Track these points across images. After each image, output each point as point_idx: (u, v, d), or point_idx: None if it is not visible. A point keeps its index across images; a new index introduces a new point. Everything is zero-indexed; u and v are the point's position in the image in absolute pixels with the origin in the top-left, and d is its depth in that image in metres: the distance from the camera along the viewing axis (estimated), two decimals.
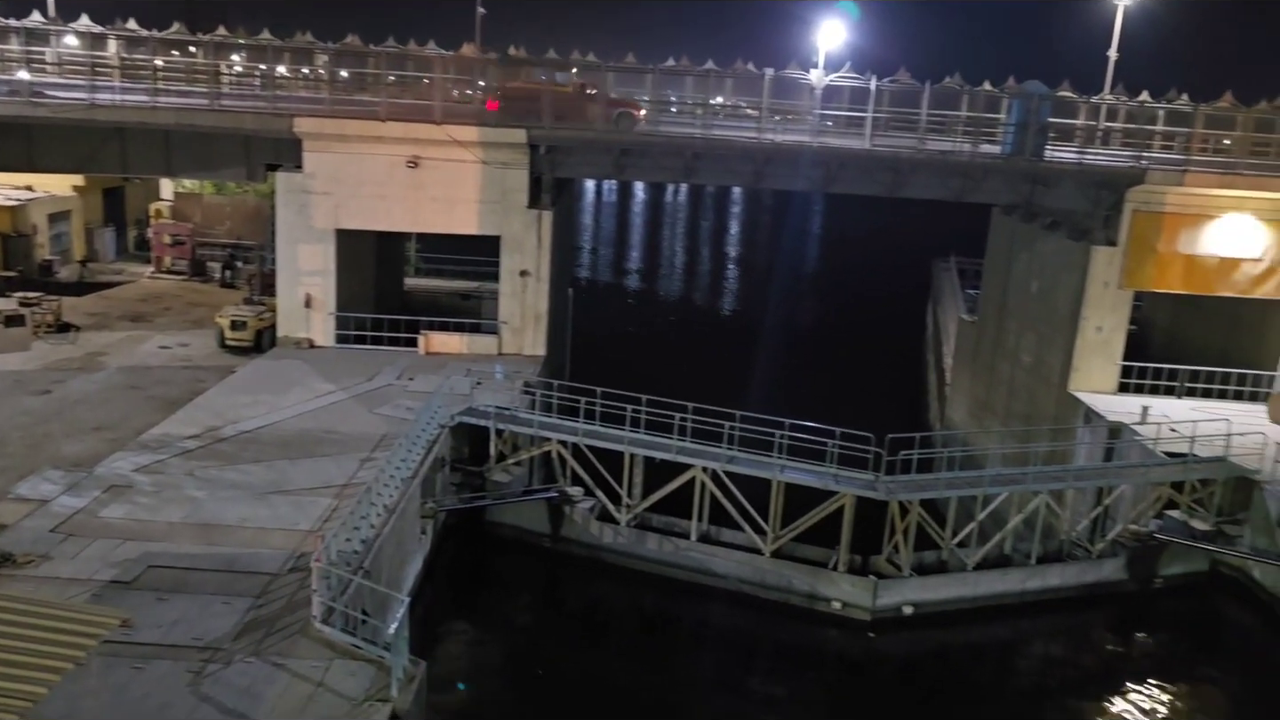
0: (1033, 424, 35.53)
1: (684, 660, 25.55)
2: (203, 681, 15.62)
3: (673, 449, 27.47)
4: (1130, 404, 32.43)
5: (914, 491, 26.11)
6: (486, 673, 23.28)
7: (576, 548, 28.66)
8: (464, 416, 28.94)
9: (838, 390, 48.17)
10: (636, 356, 51.53)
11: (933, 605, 26.35)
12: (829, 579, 26.25)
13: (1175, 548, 27.76)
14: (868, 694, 24.82)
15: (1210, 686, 24.84)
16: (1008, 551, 27.77)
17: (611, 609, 27.86)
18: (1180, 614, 27.75)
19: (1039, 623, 26.81)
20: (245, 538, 20.73)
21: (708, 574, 27.35)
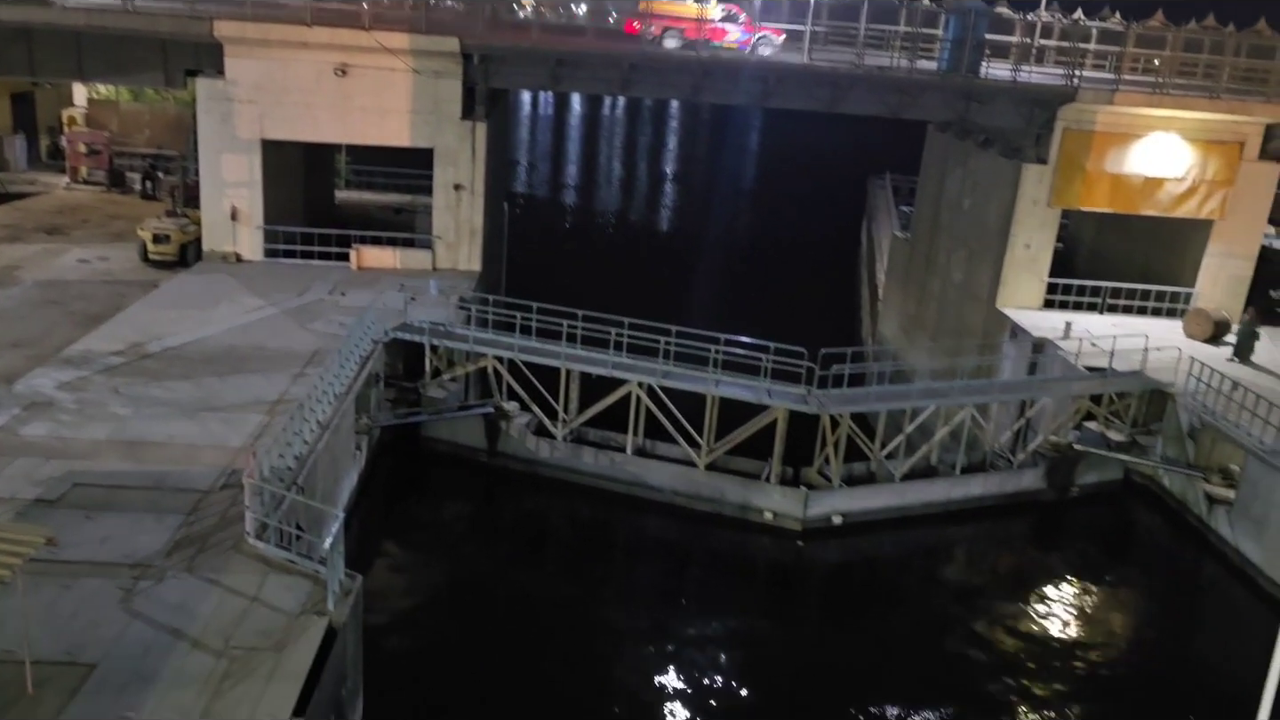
0: (961, 339, 36.33)
1: (620, 570, 26.08)
2: (134, 598, 15.53)
3: (609, 364, 27.58)
4: (1055, 320, 33.29)
5: (845, 405, 26.66)
6: (423, 586, 23.52)
7: (513, 462, 28.83)
8: (398, 332, 28.65)
9: (773, 306, 48.64)
10: (573, 272, 51.26)
11: (861, 515, 27.16)
12: (761, 490, 26.84)
13: (1092, 458, 28.86)
14: (798, 599, 25.65)
15: (1121, 586, 26.11)
16: (934, 462, 28.62)
17: (548, 522, 28.21)
18: (1095, 520, 29.00)
19: (962, 530, 27.81)
20: (174, 455, 20.44)
21: (643, 486, 27.77)
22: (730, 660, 21.49)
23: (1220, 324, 32.96)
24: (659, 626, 22.58)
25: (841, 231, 63.77)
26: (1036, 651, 22.31)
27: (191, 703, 13.26)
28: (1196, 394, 27.65)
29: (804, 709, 19.82)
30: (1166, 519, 28.22)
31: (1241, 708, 10.81)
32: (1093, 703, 20.90)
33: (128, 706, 13.05)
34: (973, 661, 21.90)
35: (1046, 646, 22.54)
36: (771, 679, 20.98)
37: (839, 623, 24.43)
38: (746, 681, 20.73)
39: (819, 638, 23.44)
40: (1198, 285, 35.58)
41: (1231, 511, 25.87)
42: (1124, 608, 25.05)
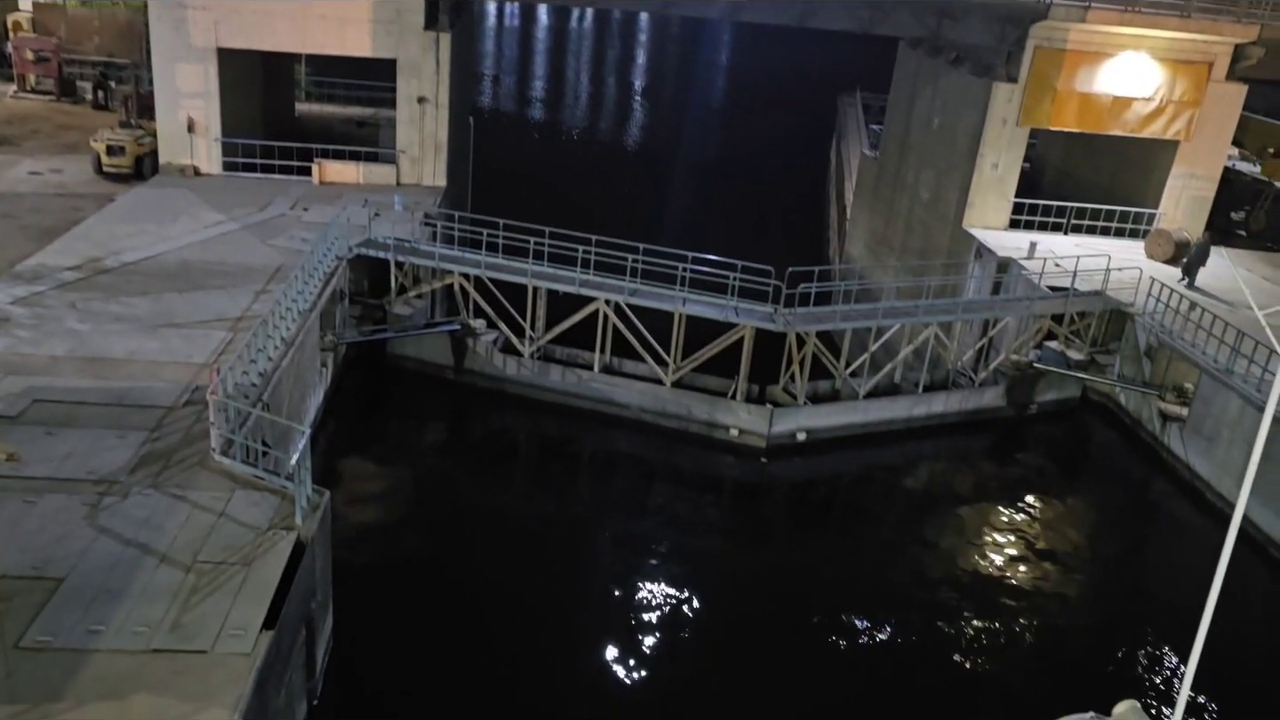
0: (927, 259, 36.50)
1: (587, 485, 26.37)
2: (100, 514, 15.49)
3: (576, 282, 27.46)
4: (1020, 240, 33.49)
5: (811, 324, 26.81)
6: (391, 501, 23.64)
7: (480, 380, 28.83)
8: (362, 248, 28.29)
9: (741, 224, 48.50)
10: (540, 188, 50.65)
11: (825, 432, 27.54)
12: (727, 407, 27.09)
13: (1051, 376, 29.35)
14: (763, 514, 26.11)
15: (1076, 500, 26.82)
16: (897, 380, 28.99)
17: (515, 438, 28.36)
18: (1052, 436, 29.63)
19: (924, 446, 28.31)
20: (135, 371, 20.22)
21: (610, 404, 27.93)
22: (696, 572, 21.91)
23: (1181, 245, 33.32)
24: (626, 539, 22.94)
25: (811, 150, 63.35)
26: (994, 562, 22.96)
27: (160, 616, 13.34)
28: (1155, 314, 28.08)
29: (768, 618, 20.32)
30: (1121, 435, 28.89)
31: (1187, 613, 11.23)
32: (1047, 610, 21.60)
33: (96, 620, 13.12)
34: (932, 572, 22.50)
35: (1004, 558, 23.20)
36: (736, 590, 21.46)
37: (802, 536, 24.95)
38: (712, 592, 21.18)
39: (783, 550, 23.94)
40: (1161, 206, 35.85)
41: (1184, 428, 26.51)
42: (1078, 520, 25.75)
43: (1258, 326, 16.81)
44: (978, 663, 19.73)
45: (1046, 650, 20.26)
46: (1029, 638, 20.64)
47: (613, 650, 19.01)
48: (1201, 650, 10.74)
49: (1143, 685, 19.02)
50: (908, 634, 20.26)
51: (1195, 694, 17.91)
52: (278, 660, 13.60)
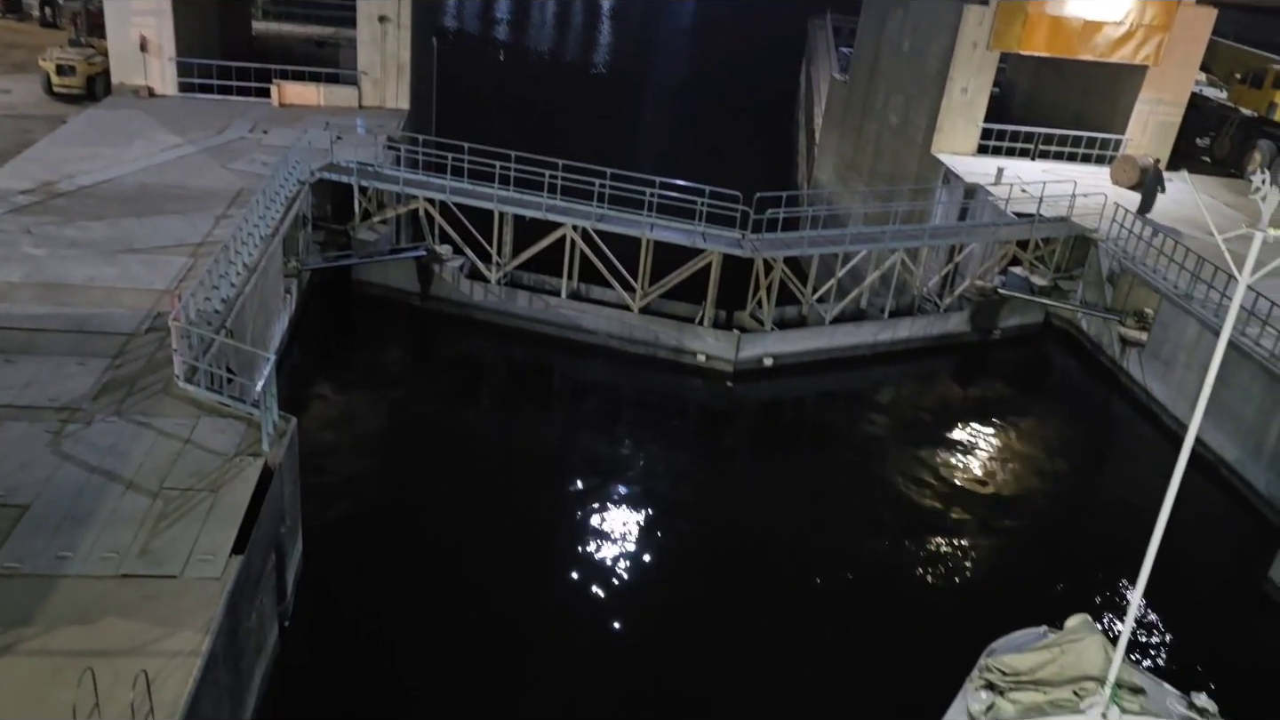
0: (895, 184, 36.46)
1: (556, 411, 26.49)
2: (63, 441, 15.39)
3: (542, 207, 27.22)
4: (988, 166, 33.49)
5: (778, 249, 26.81)
6: (358, 427, 23.65)
7: (447, 306, 28.68)
8: (325, 173, 27.81)
9: (709, 149, 48.08)
10: (505, 112, 49.83)
11: (791, 357, 27.75)
12: (694, 333, 27.19)
13: (1015, 301, 29.65)
14: (730, 437, 26.42)
15: (1036, 423, 27.33)
16: (863, 306, 29.16)
17: (483, 364, 28.35)
18: (1014, 361, 30.06)
19: (888, 370, 28.64)
20: (95, 298, 19.90)
21: (578, 330, 27.93)
22: (663, 493, 22.22)
23: (1146, 171, 33.46)
24: (594, 462, 23.15)
25: (780, 73, 62.59)
26: (955, 483, 23.44)
27: (128, 542, 13.36)
28: (1118, 240, 28.33)
29: (734, 537, 20.69)
30: (1082, 360, 29.36)
31: (1140, 531, 11.58)
32: (1005, 529, 22.17)
33: (63, 546, 13.12)
34: (894, 493, 22.95)
35: (965, 478, 23.69)
36: (703, 511, 21.80)
37: (768, 458, 25.31)
38: (679, 513, 21.51)
39: (749, 472, 24.30)
40: (1127, 132, 35.91)
41: (1143, 353, 26.97)
42: (1038, 443, 26.28)
43: (1218, 252, 17.00)
44: (937, 580, 20.27)
45: (1003, 568, 20.84)
46: (987, 556, 21.21)
47: (582, 570, 19.33)
48: (1152, 566, 11.10)
49: (1095, 600, 19.65)
50: (869, 551, 20.74)
51: (1144, 607, 18.54)
52: (248, 584, 13.71)
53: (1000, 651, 12.24)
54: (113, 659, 11.36)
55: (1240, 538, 22.01)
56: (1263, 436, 22.33)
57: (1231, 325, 10.44)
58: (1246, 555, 20.92)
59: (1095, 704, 11.41)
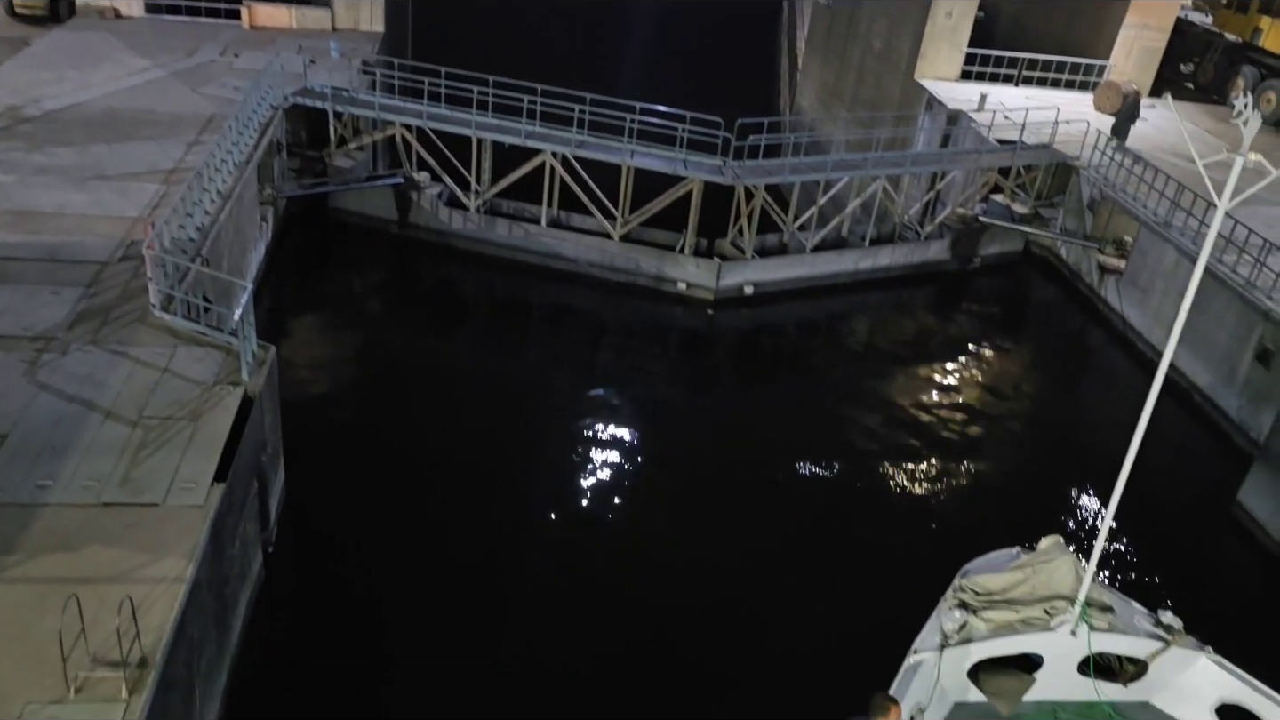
0: (878, 110, 36.09)
1: (536, 339, 26.48)
2: (39, 371, 15.25)
3: (521, 133, 26.83)
4: (971, 92, 33.19)
5: (760, 176, 26.61)
6: (338, 355, 23.57)
7: (425, 234, 28.41)
8: (298, 98, 27.27)
9: (690, 75, 47.32)
10: (482, 36, 48.75)
11: (772, 285, 27.75)
12: (675, 261, 27.09)
13: (995, 230, 29.65)
14: (710, 364, 26.51)
15: (1014, 349, 27.55)
16: (844, 234, 29.10)
17: (462, 293, 28.19)
18: (994, 289, 30.17)
19: (869, 299, 28.71)
20: (66, 226, 19.57)
21: (558, 258, 27.77)
22: (644, 420, 22.32)
23: (1129, 97, 33.26)
24: (575, 391, 23.20)
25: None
26: (932, 408, 23.69)
27: (109, 471, 13.35)
28: (1099, 167, 28.27)
29: (715, 462, 20.87)
30: (1061, 288, 29.51)
31: (1112, 455, 11.76)
32: (981, 453, 22.47)
33: (44, 475, 13.11)
34: (873, 418, 23.17)
35: (942, 403, 23.93)
36: (684, 436, 21.93)
37: (749, 385, 25.46)
38: (659, 440, 21.64)
39: (730, 399, 24.46)
40: (1111, 58, 35.60)
41: (1120, 280, 27.12)
42: (1015, 370, 26.53)
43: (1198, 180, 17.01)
44: (914, 503, 20.59)
45: (979, 491, 21.18)
46: (964, 480, 21.53)
47: (563, 496, 19.51)
48: (1123, 490, 11.27)
49: (1068, 523, 20.05)
50: (848, 477, 21.01)
51: (1115, 529, 18.90)
52: (230, 512, 13.76)
53: (974, 572, 12.46)
54: (97, 586, 11.42)
55: (1210, 462, 22.42)
56: (1235, 363, 22.61)
57: (1209, 252, 10.46)
58: (1216, 479, 21.33)
59: (1065, 621, 11.69)
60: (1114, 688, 12.05)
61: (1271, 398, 20.92)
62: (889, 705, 9.65)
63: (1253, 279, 22.42)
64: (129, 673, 10.38)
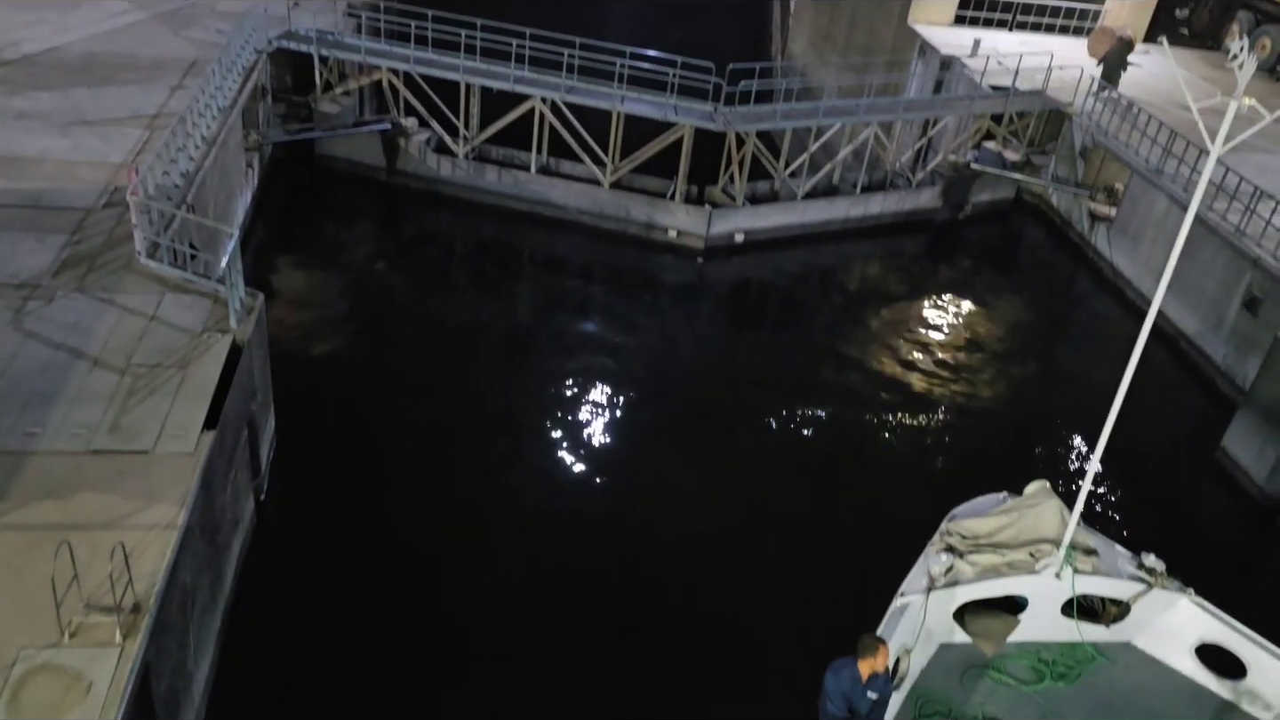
0: (871, 56, 35.66)
1: (525, 286, 26.37)
2: (25, 318, 15.16)
3: (510, 78, 26.48)
4: (964, 37, 32.81)
5: (751, 123, 26.36)
6: (328, 304, 23.45)
7: (413, 181, 28.16)
8: (283, 41, 26.83)
9: (680, 19, 46.66)
10: None
11: (763, 233, 27.63)
12: (666, 208, 26.93)
13: (987, 177, 29.50)
14: (701, 312, 26.50)
15: (1004, 296, 27.54)
16: (836, 182, 28.93)
17: (451, 240, 28.02)
18: (985, 236, 30.12)
19: (860, 246, 28.63)
20: (48, 172, 19.33)
21: (548, 205, 27.59)
22: (634, 370, 22.35)
23: (1124, 42, 32.93)
24: (565, 339, 23.20)
25: None
26: (923, 355, 23.77)
27: (98, 418, 13.32)
28: (1092, 114, 28.07)
29: (706, 408, 20.96)
30: (1052, 235, 29.48)
31: (1100, 401, 11.84)
32: (971, 399, 22.59)
33: (32, 423, 13.08)
34: (863, 365, 23.25)
35: (932, 351, 24.01)
36: (674, 385, 21.99)
37: (739, 333, 25.49)
38: (650, 387, 21.67)
39: (720, 346, 24.48)
40: (1106, 3, 35.19)
41: (1111, 228, 27.08)
42: (1005, 317, 26.56)
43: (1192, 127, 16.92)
44: (904, 450, 20.75)
45: (968, 437, 21.33)
46: (953, 426, 21.67)
47: (553, 444, 19.58)
48: (1110, 435, 11.37)
49: (1055, 468, 20.24)
50: (837, 422, 21.12)
51: (1101, 474, 19.07)
52: (221, 458, 13.78)
53: (961, 516, 12.61)
54: (89, 532, 11.46)
55: (1196, 408, 22.61)
56: (1224, 310, 22.69)
57: (1200, 199, 10.44)
58: (1201, 425, 21.51)
59: (1050, 565, 11.86)
60: (1097, 629, 12.27)
61: (1258, 345, 21.03)
62: (877, 645, 9.82)
63: (1243, 227, 22.41)
64: (123, 618, 10.46)
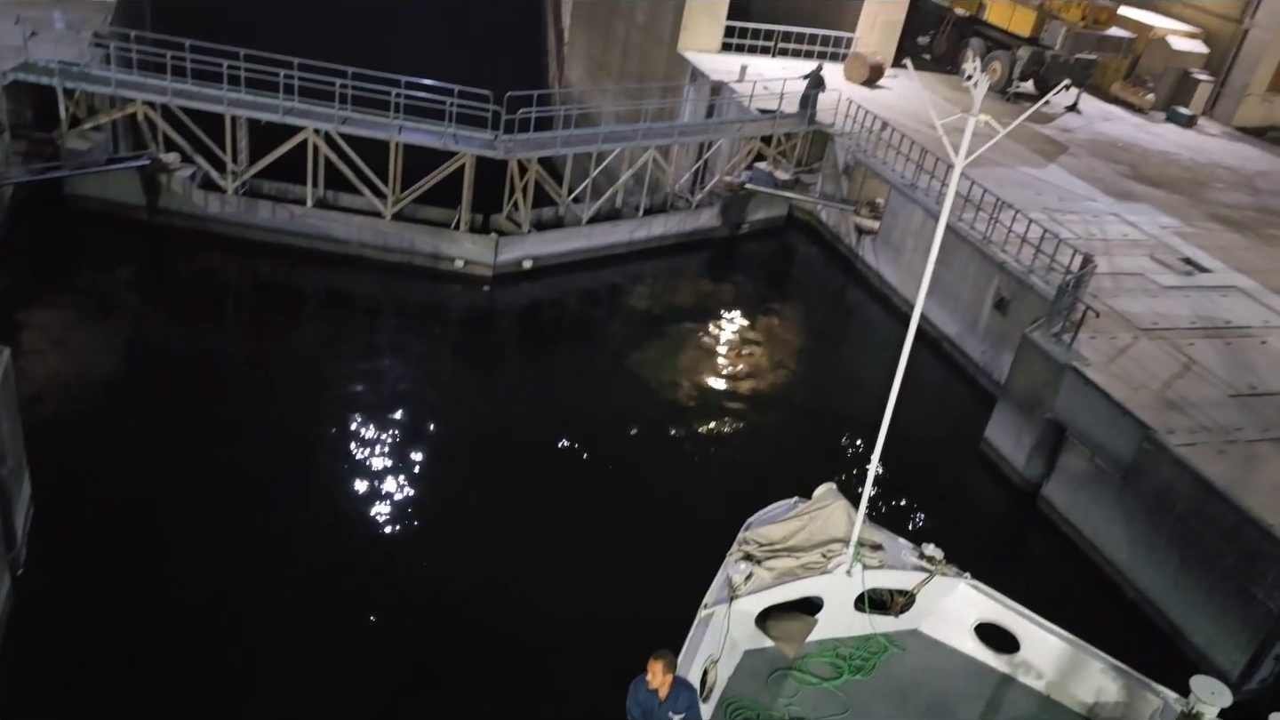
0: (645, 83, 36.67)
1: (308, 326, 25.33)
2: None
3: (279, 110, 25.47)
4: (732, 63, 34.30)
5: (532, 150, 26.50)
6: (86, 355, 21.67)
7: (179, 219, 26.54)
8: (19, 74, 24.75)
9: (455, 48, 46.42)
10: (231, 7, 45.78)
11: (551, 258, 27.77)
12: (451, 238, 26.61)
13: (761, 196, 30.89)
14: (492, 340, 26.26)
15: (783, 309, 28.89)
16: (619, 205, 29.50)
17: (224, 281, 26.50)
18: (762, 252, 31.51)
19: (645, 267, 29.27)
20: None
21: (328, 240, 26.66)
22: (427, 401, 21.88)
23: (875, 68, 35.45)
24: (352, 378, 22.39)
25: None
26: (709, 370, 24.51)
27: None
28: (850, 134, 29.96)
29: (501, 439, 20.75)
30: (823, 249, 31.17)
31: (875, 402, 12.54)
32: (758, 410, 23.49)
33: None
34: (654, 384, 23.70)
35: (718, 365, 24.80)
36: (468, 415, 21.65)
37: (532, 359, 25.43)
38: (443, 419, 21.26)
39: (514, 374, 24.34)
40: (857, 31, 37.70)
41: (876, 240, 28.93)
42: (785, 328, 27.83)
43: (939, 144, 18.49)
44: (698, 464, 21.29)
45: (758, 446, 22.16)
46: (743, 437, 22.45)
47: (342, 486, 18.83)
48: (885, 435, 12.08)
49: (840, 470, 21.28)
50: (632, 441, 21.42)
51: (881, 472, 20.20)
52: None
53: (756, 524, 13.04)
54: None
55: (961, 404, 24.40)
56: (978, 312, 24.66)
57: (949, 209, 11.29)
58: (966, 419, 23.24)
59: (841, 562, 12.45)
60: (887, 620, 12.96)
61: (1009, 342, 22.95)
62: (650, 660, 9.88)
63: (989, 234, 24.47)
64: None
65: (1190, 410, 19.04)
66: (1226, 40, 41.26)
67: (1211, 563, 16.86)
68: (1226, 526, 16.60)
